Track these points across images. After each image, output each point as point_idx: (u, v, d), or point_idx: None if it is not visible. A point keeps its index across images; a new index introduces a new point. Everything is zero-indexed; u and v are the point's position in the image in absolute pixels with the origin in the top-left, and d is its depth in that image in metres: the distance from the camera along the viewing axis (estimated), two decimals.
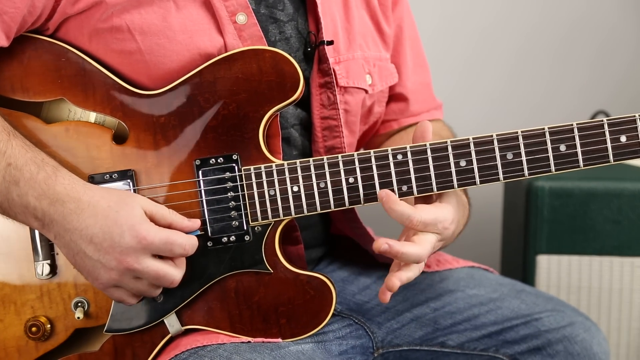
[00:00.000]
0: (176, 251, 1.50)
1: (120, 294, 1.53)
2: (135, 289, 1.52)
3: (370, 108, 1.89)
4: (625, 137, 1.54)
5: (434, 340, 1.82)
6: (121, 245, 1.46)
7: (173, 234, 1.50)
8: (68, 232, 1.48)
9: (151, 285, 1.53)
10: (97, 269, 1.49)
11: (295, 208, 1.58)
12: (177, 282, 1.53)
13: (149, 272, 1.49)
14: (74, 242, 1.48)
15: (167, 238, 1.49)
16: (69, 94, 1.59)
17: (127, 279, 1.50)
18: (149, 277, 1.50)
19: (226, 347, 1.56)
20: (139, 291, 1.53)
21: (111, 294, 1.54)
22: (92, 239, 1.47)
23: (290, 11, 1.72)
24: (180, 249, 1.50)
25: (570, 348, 1.77)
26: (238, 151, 1.58)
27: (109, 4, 1.56)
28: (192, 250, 1.52)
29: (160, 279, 1.50)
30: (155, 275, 1.49)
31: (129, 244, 1.46)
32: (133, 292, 1.53)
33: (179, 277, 1.53)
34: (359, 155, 1.57)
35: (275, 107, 1.58)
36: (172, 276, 1.51)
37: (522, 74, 3.37)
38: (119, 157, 1.58)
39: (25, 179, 1.48)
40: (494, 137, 1.55)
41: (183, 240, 1.51)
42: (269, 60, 1.57)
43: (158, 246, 1.48)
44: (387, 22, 1.92)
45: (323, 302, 1.60)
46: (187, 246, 1.51)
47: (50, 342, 1.61)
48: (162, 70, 1.59)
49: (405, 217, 1.54)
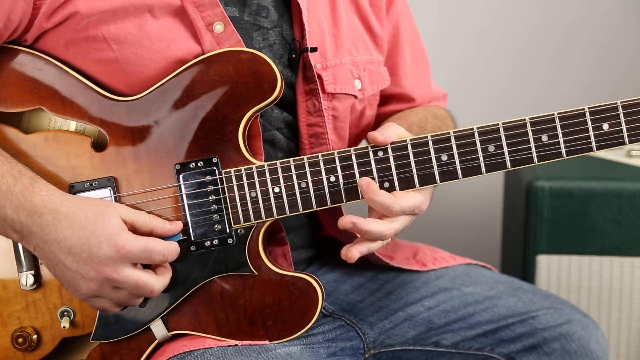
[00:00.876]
0: (155, 258, 1.50)
1: (102, 303, 1.53)
2: (116, 298, 1.52)
3: (361, 112, 1.88)
4: (607, 125, 1.53)
5: (427, 339, 1.81)
6: (99, 255, 1.46)
7: (151, 241, 1.50)
8: (47, 243, 1.48)
9: (131, 294, 1.52)
10: (77, 280, 1.49)
11: (277, 209, 1.57)
12: (157, 292, 1.52)
13: (128, 282, 1.49)
14: (52, 254, 1.48)
15: (145, 246, 1.49)
16: (47, 103, 1.59)
17: (107, 289, 1.50)
18: (128, 287, 1.50)
19: (213, 351, 1.55)
20: (120, 301, 1.53)
21: (93, 304, 1.54)
22: (71, 250, 1.46)
23: (275, 18, 1.71)
24: (159, 256, 1.50)
25: (567, 346, 1.76)
26: (218, 154, 1.57)
27: (83, 15, 1.56)
28: (172, 256, 1.52)
29: (140, 289, 1.50)
30: (134, 285, 1.49)
31: (106, 254, 1.46)
32: (114, 302, 1.53)
33: (159, 287, 1.53)
34: (339, 153, 1.57)
35: (254, 108, 1.57)
36: (152, 285, 1.51)
37: (522, 74, 3.36)
38: (99, 165, 1.58)
39: (2, 191, 1.48)
40: (474, 130, 1.55)
41: (162, 247, 1.50)
42: (245, 61, 1.57)
43: (137, 254, 1.48)
44: (381, 24, 1.91)
45: (309, 303, 1.59)
46: (166, 252, 1.51)
47: (38, 352, 1.60)
48: (140, 78, 1.58)
49: (385, 207, 1.54)
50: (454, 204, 3.30)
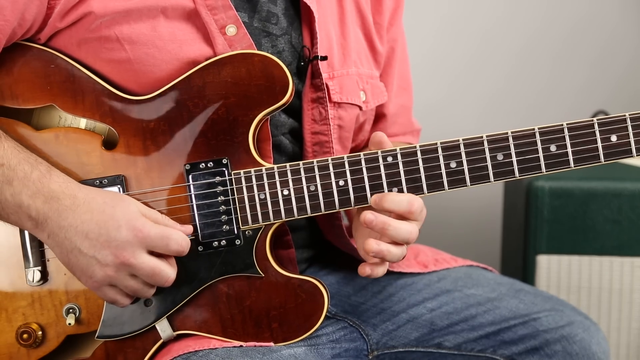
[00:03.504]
0: (172, 247, 1.50)
1: (114, 294, 1.53)
2: (130, 287, 1.52)
3: (362, 125, 1.89)
4: (615, 137, 1.54)
5: (430, 341, 1.82)
6: (117, 239, 1.46)
7: (169, 229, 1.51)
8: (62, 229, 1.48)
9: (145, 283, 1.52)
10: (92, 266, 1.48)
11: (286, 212, 1.58)
12: (171, 281, 1.52)
13: (144, 268, 1.49)
14: (68, 240, 1.48)
15: (163, 232, 1.49)
16: (59, 101, 1.59)
17: (123, 276, 1.49)
18: (145, 274, 1.49)
19: (218, 352, 1.55)
20: (133, 290, 1.52)
21: (104, 294, 1.53)
22: (88, 235, 1.47)
23: (284, 25, 1.71)
24: (176, 245, 1.50)
25: (569, 348, 1.76)
26: (228, 155, 1.57)
27: (97, 15, 1.56)
28: (187, 248, 1.52)
29: (156, 276, 1.50)
30: (151, 272, 1.49)
31: (125, 237, 1.46)
32: (127, 291, 1.53)
33: (173, 276, 1.53)
34: (349, 157, 1.57)
35: (265, 111, 1.57)
36: (167, 274, 1.51)
37: (522, 74, 3.37)
38: (109, 163, 1.58)
39: (19, 177, 1.48)
40: (484, 138, 1.55)
41: (179, 236, 1.50)
42: (258, 64, 1.57)
43: (154, 240, 1.48)
44: (381, 41, 1.92)
45: (315, 306, 1.60)
46: (182, 242, 1.51)
47: (42, 348, 1.60)
48: (151, 79, 1.59)
49: (406, 203, 1.54)
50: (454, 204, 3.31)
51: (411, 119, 2.09)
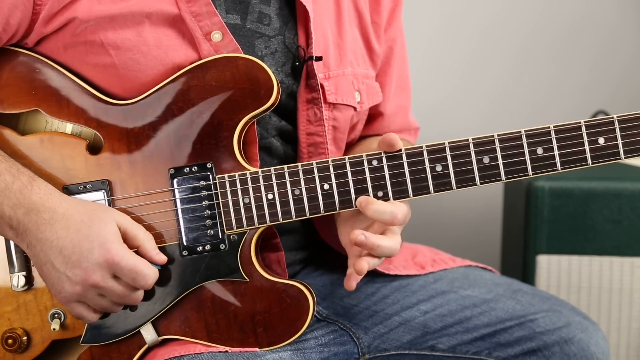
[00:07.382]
0: (139, 282, 1.51)
1: (81, 310, 1.54)
2: (98, 305, 1.53)
3: (354, 126, 1.88)
4: (603, 139, 1.52)
5: (423, 344, 1.80)
6: (89, 260, 1.47)
7: (141, 263, 1.51)
8: (40, 242, 1.48)
9: (114, 302, 1.54)
10: (62, 282, 1.49)
11: (270, 216, 1.57)
12: (139, 301, 1.55)
13: (114, 291, 1.50)
14: (43, 253, 1.48)
15: (134, 266, 1.49)
16: (44, 105, 1.59)
17: (92, 295, 1.51)
18: (113, 296, 1.51)
19: (203, 356, 1.55)
20: (102, 307, 1.54)
21: (72, 309, 1.54)
22: (62, 251, 1.47)
23: (277, 25, 1.71)
24: (142, 282, 1.51)
25: (567, 349, 1.74)
26: (213, 159, 1.57)
27: (82, 20, 1.56)
28: (153, 283, 1.53)
29: (125, 298, 1.52)
30: (120, 294, 1.51)
31: (96, 260, 1.47)
32: (95, 308, 1.54)
33: (141, 298, 1.55)
34: (334, 161, 1.56)
35: (250, 115, 1.57)
36: (137, 297, 1.54)
37: (522, 74, 3.36)
38: (93, 168, 1.58)
39: (0, 188, 1.48)
40: (469, 141, 1.54)
41: (149, 273, 1.51)
42: (242, 67, 1.57)
43: (123, 270, 1.49)
44: (379, 41, 1.91)
45: (300, 311, 1.59)
46: (149, 280, 1.52)
47: (27, 354, 1.61)
48: (137, 84, 1.59)
49: (388, 214, 1.54)
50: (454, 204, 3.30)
51: (409, 119, 2.08)
